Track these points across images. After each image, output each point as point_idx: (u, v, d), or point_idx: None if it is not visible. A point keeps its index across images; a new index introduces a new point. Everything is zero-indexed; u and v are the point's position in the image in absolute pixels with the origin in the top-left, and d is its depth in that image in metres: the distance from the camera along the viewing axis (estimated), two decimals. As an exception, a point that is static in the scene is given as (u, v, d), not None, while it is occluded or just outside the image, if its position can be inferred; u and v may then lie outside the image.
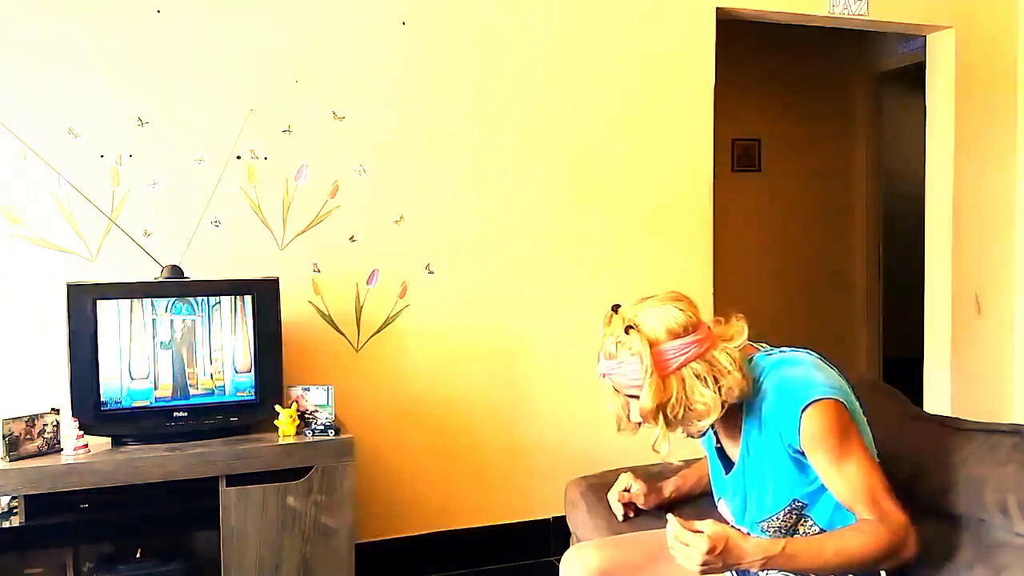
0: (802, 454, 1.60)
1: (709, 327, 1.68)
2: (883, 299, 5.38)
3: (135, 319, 2.47)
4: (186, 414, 2.50)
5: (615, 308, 1.69)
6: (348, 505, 2.53)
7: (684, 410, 1.60)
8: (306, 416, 2.58)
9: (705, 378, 1.59)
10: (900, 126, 5.82)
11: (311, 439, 2.52)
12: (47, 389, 2.60)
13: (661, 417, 1.60)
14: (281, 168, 2.90)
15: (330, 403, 2.59)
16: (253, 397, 2.57)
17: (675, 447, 2.30)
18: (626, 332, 1.61)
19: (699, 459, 2.05)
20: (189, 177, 2.80)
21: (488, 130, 3.15)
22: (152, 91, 2.75)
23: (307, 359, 2.90)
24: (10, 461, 2.29)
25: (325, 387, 2.60)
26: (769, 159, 5.04)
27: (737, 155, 4.97)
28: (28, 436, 2.35)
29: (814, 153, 5.14)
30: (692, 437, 1.73)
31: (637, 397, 1.61)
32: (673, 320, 1.62)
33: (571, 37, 3.23)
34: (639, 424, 1.67)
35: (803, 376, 1.64)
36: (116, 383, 2.45)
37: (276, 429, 2.54)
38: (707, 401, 1.59)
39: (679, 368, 1.59)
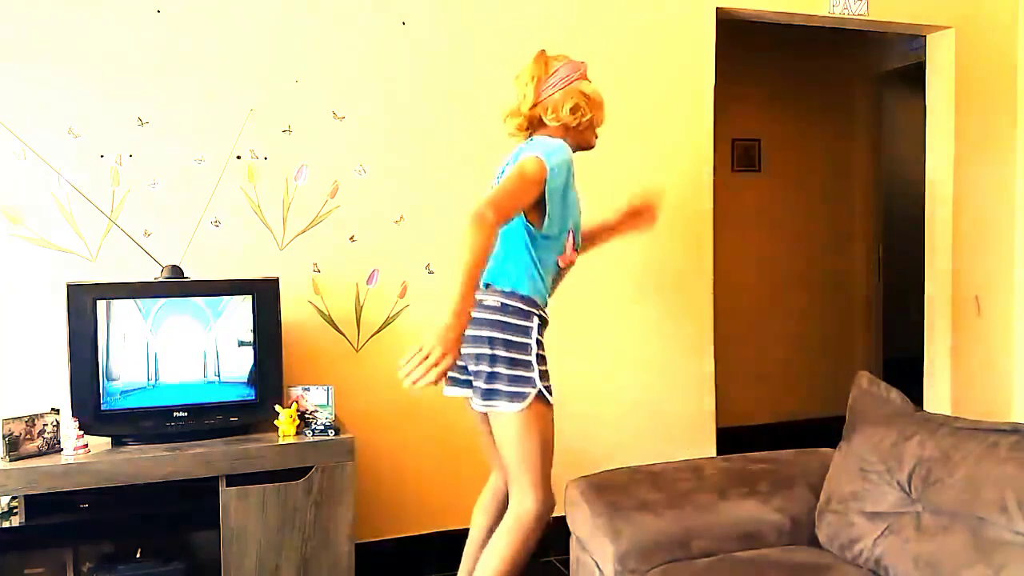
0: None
1: None
2: (883, 299, 5.38)
3: (135, 319, 2.47)
4: (186, 414, 2.50)
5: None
6: (348, 505, 2.53)
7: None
8: (306, 416, 2.58)
9: None
10: (900, 126, 5.82)
11: (311, 439, 2.52)
12: (47, 389, 2.60)
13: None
14: (281, 168, 2.90)
15: (330, 403, 2.59)
16: (253, 397, 2.57)
17: (674, 449, 2.28)
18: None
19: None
20: (189, 177, 2.80)
21: (488, 130, 3.14)
22: (152, 91, 2.76)
23: (307, 359, 2.90)
24: (10, 461, 2.29)
25: (325, 387, 2.60)
26: (769, 159, 5.04)
27: (737, 155, 4.96)
28: (28, 436, 2.35)
29: (814, 153, 5.14)
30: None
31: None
32: None
33: (571, 37, 3.22)
34: None
35: None
36: (116, 383, 2.45)
37: (276, 429, 2.54)
38: None
39: None
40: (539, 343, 2.20)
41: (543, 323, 2.25)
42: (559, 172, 2.16)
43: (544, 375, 2.20)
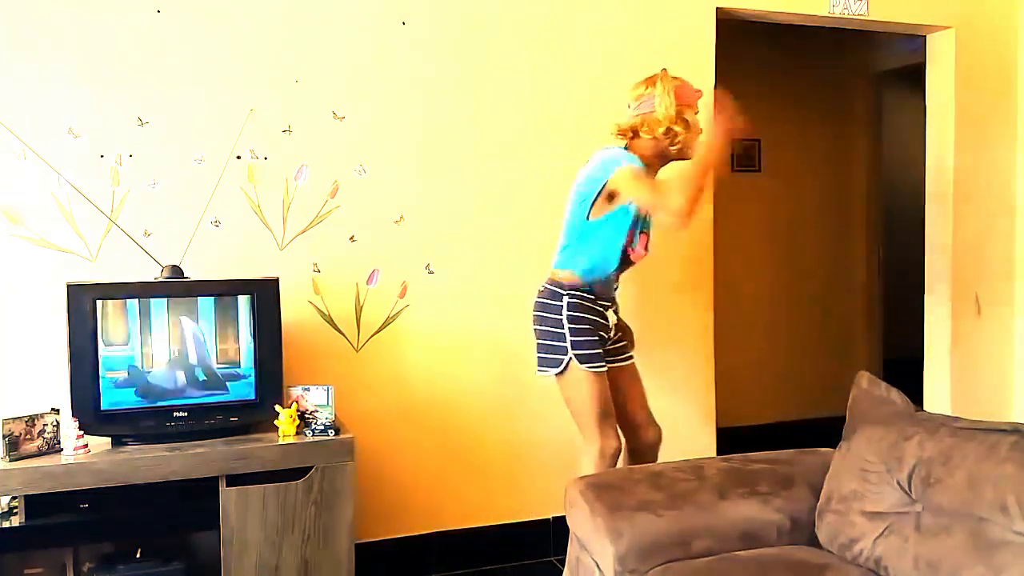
0: None
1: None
2: (883, 299, 5.38)
3: (135, 319, 2.47)
4: (186, 414, 2.50)
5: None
6: (348, 505, 2.53)
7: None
8: (306, 416, 2.58)
9: None
10: (900, 126, 5.82)
11: (311, 439, 2.52)
12: (47, 389, 2.60)
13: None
14: (281, 168, 2.90)
15: (330, 403, 2.59)
16: (253, 397, 2.57)
17: (674, 449, 2.28)
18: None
19: None
20: (189, 177, 2.80)
21: (488, 130, 3.15)
22: (152, 91, 2.76)
23: (307, 359, 2.90)
24: (10, 461, 2.29)
25: (325, 387, 2.60)
26: (769, 159, 5.03)
27: (737, 155, 4.96)
28: (28, 436, 2.35)
29: (814, 153, 5.14)
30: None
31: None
32: None
33: (571, 37, 3.23)
34: None
35: None
36: (116, 383, 2.45)
37: (276, 429, 2.54)
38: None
39: None
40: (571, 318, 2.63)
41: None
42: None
43: (576, 344, 2.59)
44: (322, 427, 2.55)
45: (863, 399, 2.18)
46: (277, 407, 2.54)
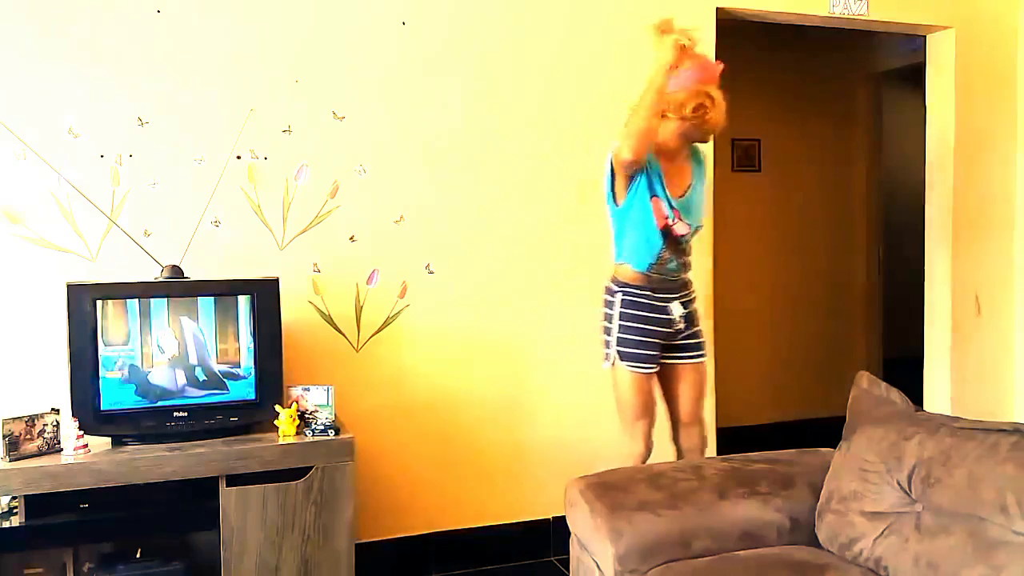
0: None
1: None
2: (883, 299, 5.38)
3: (135, 319, 2.47)
4: (186, 414, 2.50)
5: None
6: (348, 505, 2.53)
7: None
8: (306, 416, 2.58)
9: None
10: (900, 126, 5.82)
11: (311, 439, 2.52)
12: (47, 389, 2.60)
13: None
14: (281, 168, 2.90)
15: (330, 403, 2.59)
16: (253, 397, 2.57)
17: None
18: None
19: None
20: (189, 177, 2.80)
21: (488, 130, 3.15)
22: (152, 91, 2.76)
23: (307, 359, 2.90)
24: (10, 461, 2.29)
25: (325, 387, 2.60)
26: (769, 159, 5.03)
27: (737, 155, 4.96)
28: (28, 436, 2.35)
29: (814, 153, 5.14)
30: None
31: None
32: None
33: (571, 37, 3.23)
34: None
35: None
36: (116, 383, 2.45)
37: (276, 429, 2.54)
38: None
39: None
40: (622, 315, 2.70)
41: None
42: None
43: (620, 342, 2.66)
44: (322, 427, 2.55)
45: (863, 399, 2.18)
46: (277, 407, 2.54)
